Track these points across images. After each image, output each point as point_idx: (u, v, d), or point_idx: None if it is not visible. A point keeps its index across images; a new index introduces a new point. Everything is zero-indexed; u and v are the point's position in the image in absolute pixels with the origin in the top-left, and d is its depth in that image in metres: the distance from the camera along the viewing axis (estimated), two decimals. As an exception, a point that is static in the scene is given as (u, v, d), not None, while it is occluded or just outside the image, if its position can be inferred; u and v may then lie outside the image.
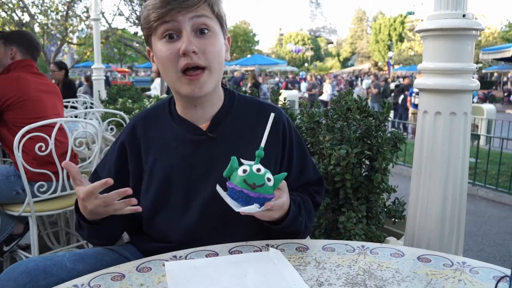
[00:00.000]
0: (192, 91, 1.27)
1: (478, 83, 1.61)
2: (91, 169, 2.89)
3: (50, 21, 12.72)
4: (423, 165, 1.68)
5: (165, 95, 6.18)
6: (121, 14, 12.60)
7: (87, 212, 1.24)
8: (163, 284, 1.00)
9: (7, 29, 11.50)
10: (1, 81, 2.83)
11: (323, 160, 1.93)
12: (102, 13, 10.40)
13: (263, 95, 17.49)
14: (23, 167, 2.49)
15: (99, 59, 7.00)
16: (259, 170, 1.09)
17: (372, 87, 17.27)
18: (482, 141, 9.13)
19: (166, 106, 1.45)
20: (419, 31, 1.65)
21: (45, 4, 12.44)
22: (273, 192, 1.13)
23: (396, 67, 41.96)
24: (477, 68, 1.63)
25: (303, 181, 1.45)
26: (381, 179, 1.90)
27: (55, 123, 2.60)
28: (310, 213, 1.41)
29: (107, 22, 12.99)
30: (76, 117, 3.90)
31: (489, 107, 11.91)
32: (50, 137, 2.54)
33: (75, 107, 5.68)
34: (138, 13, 9.13)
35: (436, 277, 1.04)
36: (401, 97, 13.79)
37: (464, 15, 1.54)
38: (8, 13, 11.74)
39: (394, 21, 59.94)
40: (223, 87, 1.45)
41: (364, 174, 1.96)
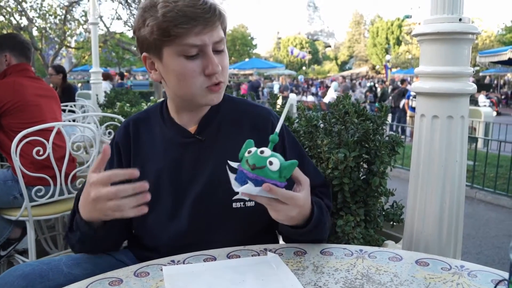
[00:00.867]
0: (212, 100, 1.30)
1: (474, 86, 1.61)
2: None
3: (49, 25, 12.75)
4: (420, 168, 1.68)
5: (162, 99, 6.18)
6: (119, 18, 12.63)
7: (87, 208, 1.16)
8: (161, 289, 1.00)
9: (4, 32, 11.50)
10: None
11: (321, 164, 1.93)
12: (100, 17, 10.42)
13: (264, 98, 17.51)
14: (21, 171, 2.48)
15: (97, 63, 7.00)
16: (262, 152, 1.05)
17: (341, 90, 17.37)
18: (480, 143, 9.14)
19: (158, 109, 1.46)
20: (416, 35, 1.66)
21: (43, 8, 12.47)
22: (279, 179, 1.05)
23: (394, 70, 42.06)
24: (473, 71, 1.63)
25: None
26: (379, 182, 1.89)
27: (52, 127, 2.59)
28: (327, 213, 1.36)
29: (105, 26, 13.03)
30: (74, 121, 3.89)
31: (486, 110, 11.95)
32: (48, 141, 2.54)
33: (73, 111, 5.68)
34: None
35: (434, 281, 1.04)
36: (402, 101, 13.76)
37: (460, 19, 1.54)
38: (7, 17, 11.75)
39: (392, 25, 60.08)
40: None
41: (362, 178, 1.96)
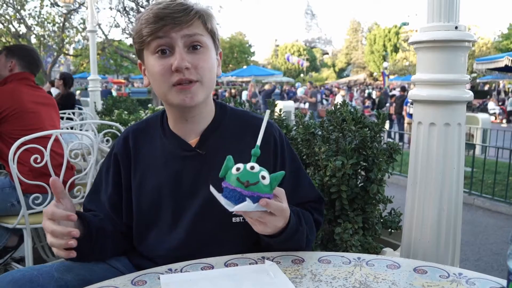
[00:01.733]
0: (183, 100, 1.27)
1: (471, 93, 1.62)
2: (87, 180, 2.88)
3: (47, 32, 12.79)
4: (418, 176, 1.68)
5: (160, 107, 6.18)
6: (117, 26, 12.68)
7: None
8: (158, 298, 1.00)
9: (3, 40, 11.53)
10: None
11: (319, 172, 1.93)
12: (99, 25, 10.45)
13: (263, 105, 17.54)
14: (18, 179, 2.48)
15: (95, 70, 7.01)
16: (253, 167, 1.05)
17: (309, 95, 17.40)
18: (478, 150, 9.15)
19: (158, 119, 1.44)
20: (412, 43, 1.67)
21: (42, 16, 12.51)
22: (270, 192, 1.08)
23: (391, 77, 42.15)
24: (470, 79, 1.64)
25: (298, 199, 1.41)
26: (377, 190, 1.90)
27: (50, 134, 2.59)
28: (311, 225, 1.36)
29: (103, 33, 13.06)
30: (72, 128, 3.89)
31: (484, 117, 11.97)
32: (46, 149, 2.54)
33: (71, 119, 5.68)
34: (134, 24, 9.18)
35: (432, 289, 1.03)
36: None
37: (456, 27, 1.55)
38: (5, 24, 11.78)
39: (389, 32, 60.28)
40: (214, 100, 1.45)
41: (360, 185, 1.96)
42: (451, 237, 1.66)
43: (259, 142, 1.11)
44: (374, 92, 23.07)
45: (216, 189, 1.09)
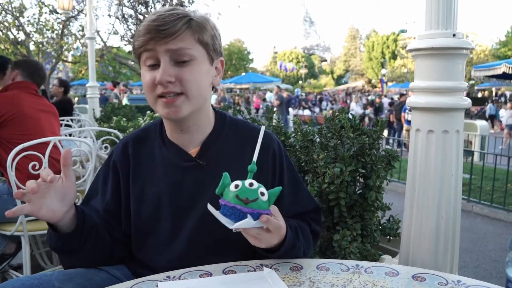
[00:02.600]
0: (168, 114, 1.27)
1: (469, 101, 1.62)
2: (85, 187, 2.88)
3: (46, 39, 12.78)
4: (416, 183, 1.68)
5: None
6: (116, 33, 12.67)
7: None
8: (156, 305, 0.99)
9: (2, 47, 11.54)
10: None
11: (317, 179, 1.93)
12: (97, 32, 10.46)
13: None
14: (17, 185, 2.47)
15: (94, 77, 7.02)
16: (251, 184, 1.06)
17: (275, 99, 17.47)
18: (476, 157, 9.17)
19: (157, 128, 1.44)
20: (410, 50, 1.67)
21: (40, 23, 12.50)
22: (268, 208, 1.08)
23: (390, 84, 42.27)
24: (468, 86, 1.64)
25: (297, 210, 1.41)
26: (376, 197, 1.90)
27: (49, 141, 2.59)
28: (308, 239, 1.36)
29: (102, 40, 13.06)
30: (70, 135, 3.89)
31: (482, 124, 12.00)
32: (44, 155, 2.53)
33: (69, 125, 5.67)
34: (133, 31, 9.20)
35: (431, 296, 1.03)
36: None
37: (454, 35, 1.56)
38: (4, 31, 11.78)
39: (387, 39, 60.53)
40: (214, 110, 1.44)
41: (358, 192, 1.96)
42: (449, 244, 1.66)
43: (255, 158, 1.11)
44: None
45: (214, 203, 1.09)
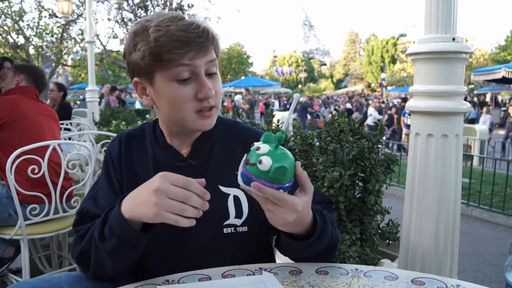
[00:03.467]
0: (203, 126, 1.26)
1: (468, 105, 1.62)
2: (84, 191, 2.87)
3: (45, 43, 12.81)
4: (416, 187, 1.68)
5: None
6: (115, 37, 12.72)
7: (140, 200, 1.06)
8: (155, 309, 0.99)
9: (1, 51, 11.56)
10: None
11: (317, 183, 1.93)
12: (97, 36, 10.49)
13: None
14: (15, 189, 2.48)
15: (93, 81, 7.02)
16: (258, 149, 0.99)
17: (242, 102, 17.54)
18: (476, 161, 9.17)
19: (151, 127, 1.43)
20: (410, 54, 1.68)
21: (40, 27, 12.55)
22: (267, 179, 0.98)
23: (389, 88, 42.35)
24: (467, 90, 1.65)
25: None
26: (375, 201, 1.90)
27: (49, 145, 2.59)
28: (333, 221, 1.30)
29: (101, 44, 13.10)
30: (69, 139, 3.89)
31: (481, 128, 12.02)
32: (43, 159, 2.54)
33: (68, 129, 5.68)
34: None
35: (430, 301, 1.03)
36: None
37: (453, 39, 1.56)
38: (3, 35, 11.81)
39: (387, 43, 60.72)
40: None
41: (357, 196, 1.96)
42: (449, 248, 1.66)
43: (285, 127, 1.05)
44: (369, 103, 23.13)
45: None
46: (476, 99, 31.03)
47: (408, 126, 12.26)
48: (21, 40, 12.24)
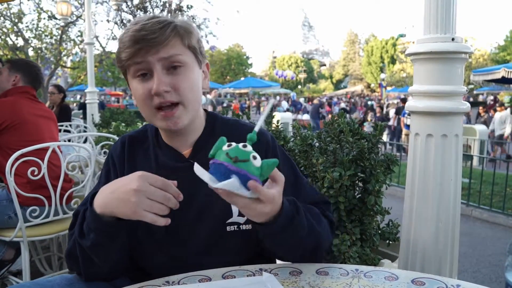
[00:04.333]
0: (168, 126, 1.27)
1: (468, 105, 1.62)
2: (84, 192, 2.87)
3: (44, 45, 12.81)
4: (415, 187, 1.68)
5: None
6: (114, 38, 12.72)
7: (117, 196, 1.09)
8: (155, 311, 0.99)
9: (0, 53, 11.56)
10: None
11: (316, 183, 1.93)
12: (96, 37, 10.49)
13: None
14: (15, 191, 2.47)
15: (93, 83, 7.03)
16: (245, 146, 0.98)
17: (211, 106, 17.62)
18: (475, 161, 9.18)
19: (153, 129, 1.44)
20: (409, 54, 1.68)
21: (39, 29, 12.54)
22: (258, 176, 0.98)
23: (389, 88, 42.35)
24: (467, 90, 1.65)
25: (301, 198, 1.32)
26: (375, 201, 1.89)
27: (48, 147, 2.59)
28: (319, 219, 1.29)
29: (101, 46, 13.11)
30: (69, 141, 3.89)
31: (481, 128, 12.02)
32: (43, 161, 2.54)
33: (68, 131, 5.67)
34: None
35: (431, 301, 1.03)
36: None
37: (453, 39, 1.56)
38: (3, 37, 11.81)
39: (386, 44, 60.75)
40: (205, 110, 1.44)
41: (357, 197, 1.96)
42: (449, 249, 1.66)
43: (257, 128, 1.04)
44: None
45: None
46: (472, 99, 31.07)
47: (407, 127, 12.26)
48: (20, 42, 12.25)
